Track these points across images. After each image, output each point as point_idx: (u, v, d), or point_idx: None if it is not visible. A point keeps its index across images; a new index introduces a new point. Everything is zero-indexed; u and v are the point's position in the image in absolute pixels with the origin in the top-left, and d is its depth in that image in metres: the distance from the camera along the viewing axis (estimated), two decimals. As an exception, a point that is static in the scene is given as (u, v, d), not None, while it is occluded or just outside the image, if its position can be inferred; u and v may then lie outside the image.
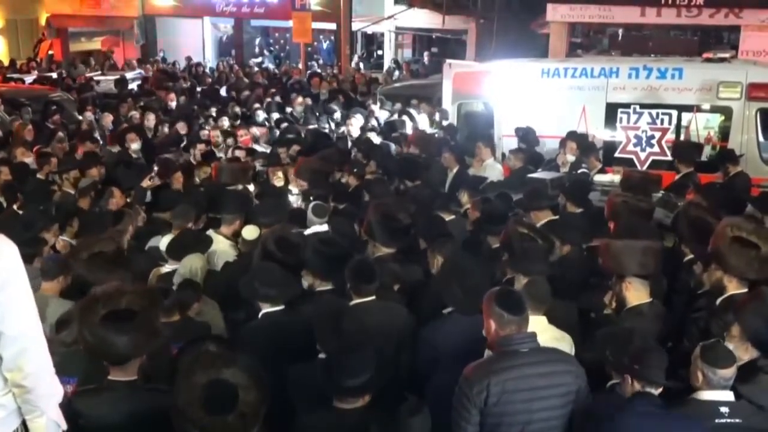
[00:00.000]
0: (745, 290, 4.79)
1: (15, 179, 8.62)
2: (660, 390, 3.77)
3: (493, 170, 9.47)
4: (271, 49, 32.59)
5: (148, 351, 3.79)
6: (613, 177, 9.18)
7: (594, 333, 4.53)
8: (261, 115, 14.32)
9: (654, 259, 4.90)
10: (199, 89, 19.75)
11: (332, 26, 26.85)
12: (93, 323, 3.60)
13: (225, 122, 12.87)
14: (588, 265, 5.90)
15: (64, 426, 3.36)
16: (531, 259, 5.07)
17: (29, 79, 20.29)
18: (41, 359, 3.24)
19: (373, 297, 4.92)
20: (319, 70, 23.37)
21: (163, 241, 6.26)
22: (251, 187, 8.60)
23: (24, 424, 3.27)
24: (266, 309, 4.90)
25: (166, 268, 6.01)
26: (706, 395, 3.86)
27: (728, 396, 3.87)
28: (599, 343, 4.18)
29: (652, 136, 10.35)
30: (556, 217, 6.84)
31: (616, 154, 10.37)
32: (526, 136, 10.34)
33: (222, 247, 6.50)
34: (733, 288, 4.83)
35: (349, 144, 11.50)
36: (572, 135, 10.07)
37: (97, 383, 3.79)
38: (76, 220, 7.03)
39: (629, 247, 4.91)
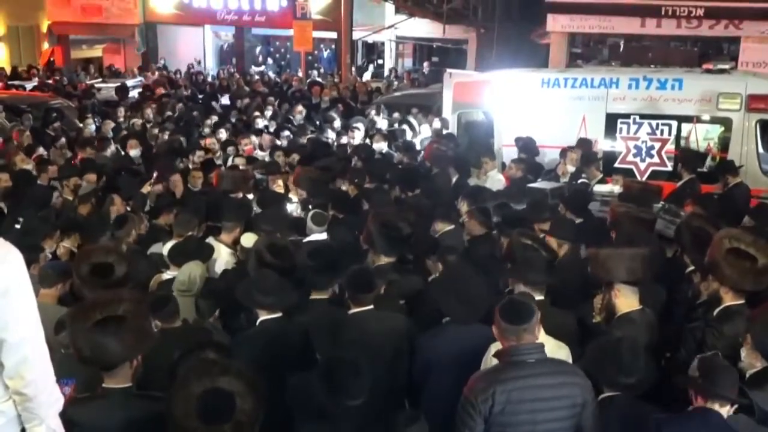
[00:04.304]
0: (742, 302, 4.80)
1: (18, 186, 8.63)
2: (728, 407, 3.75)
3: (494, 181, 9.46)
4: (276, 56, 32.64)
5: (138, 354, 3.79)
6: (612, 187, 9.18)
7: (587, 343, 4.55)
8: (260, 123, 14.35)
9: (642, 265, 4.91)
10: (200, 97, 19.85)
11: (333, 35, 26.91)
12: (83, 328, 3.61)
13: (222, 134, 12.82)
14: (586, 275, 5.90)
15: None
16: (531, 268, 5.06)
17: (30, 86, 20.33)
18: (43, 367, 3.23)
19: (371, 306, 4.91)
20: (319, 79, 23.41)
21: (165, 248, 6.27)
22: (250, 196, 8.59)
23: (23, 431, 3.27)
24: (263, 316, 4.89)
25: (167, 275, 6.01)
26: (704, 409, 3.85)
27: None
28: (588, 354, 4.20)
29: (652, 147, 10.36)
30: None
31: (616, 165, 10.37)
32: (527, 145, 10.35)
33: (222, 254, 6.51)
34: (730, 299, 4.83)
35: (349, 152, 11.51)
36: (582, 143, 10.09)
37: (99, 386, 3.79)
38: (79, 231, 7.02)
39: (616, 254, 4.93)
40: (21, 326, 3.12)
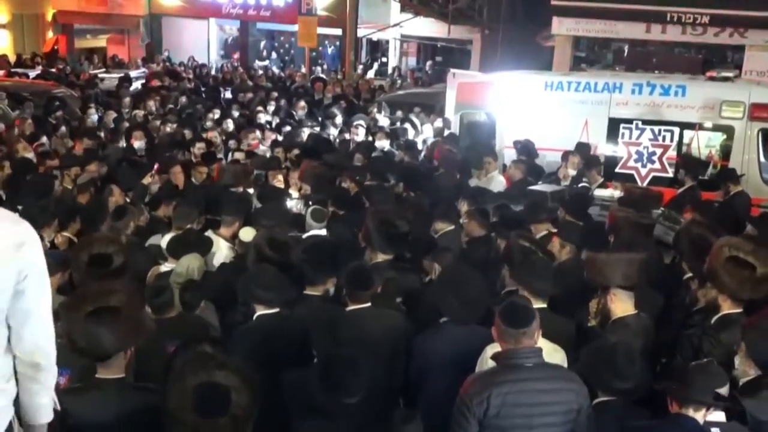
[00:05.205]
0: (740, 310, 4.80)
1: (17, 174, 8.63)
2: (704, 411, 3.74)
3: (495, 182, 9.46)
4: (280, 51, 32.64)
5: (133, 345, 3.81)
6: (613, 192, 9.18)
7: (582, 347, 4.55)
8: (263, 118, 14.34)
9: (638, 270, 4.92)
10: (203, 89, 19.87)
11: (338, 32, 26.90)
12: (77, 319, 3.63)
13: (230, 125, 12.92)
14: (585, 279, 5.90)
15: (58, 406, 3.37)
16: (537, 275, 4.99)
17: (33, 74, 20.32)
18: (53, 338, 3.27)
19: (369, 304, 4.91)
20: (322, 75, 23.41)
21: (165, 240, 6.27)
22: (251, 190, 8.59)
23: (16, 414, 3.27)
24: (261, 311, 4.89)
25: (165, 267, 6.01)
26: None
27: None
28: (583, 359, 4.20)
29: (654, 153, 10.36)
30: (555, 230, 6.84)
31: (617, 169, 10.36)
32: (525, 148, 10.35)
33: (221, 248, 6.50)
34: (728, 307, 4.83)
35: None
36: (580, 147, 10.10)
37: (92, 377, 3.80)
38: (77, 219, 7.02)
39: (613, 259, 4.95)
40: (45, 300, 3.20)
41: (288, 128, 13.17)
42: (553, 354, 4.35)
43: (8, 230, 3.06)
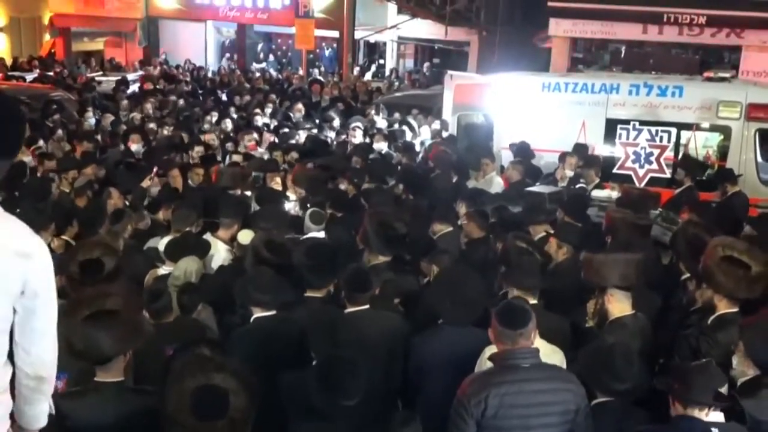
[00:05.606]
0: (736, 309, 4.81)
1: (13, 178, 8.61)
2: (707, 411, 3.74)
3: (493, 184, 9.47)
4: (277, 54, 32.63)
5: (131, 348, 3.81)
6: (610, 193, 9.19)
7: (580, 347, 4.56)
8: (260, 121, 14.34)
9: (635, 271, 4.93)
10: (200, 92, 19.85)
11: (335, 34, 26.90)
12: (76, 322, 3.63)
13: (228, 124, 12.94)
14: (581, 279, 5.90)
15: (53, 411, 3.37)
16: (524, 272, 5.06)
17: (30, 77, 20.29)
18: (56, 351, 3.26)
19: (367, 306, 4.91)
20: (320, 77, 23.41)
21: (162, 243, 6.27)
22: (248, 193, 8.58)
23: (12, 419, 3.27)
24: (258, 313, 4.89)
25: (163, 270, 6.01)
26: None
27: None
28: (581, 360, 4.21)
29: (651, 153, 10.37)
30: (552, 231, 6.85)
31: (615, 170, 10.38)
32: (521, 150, 10.35)
33: (219, 251, 6.50)
34: (724, 307, 4.84)
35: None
36: (577, 148, 10.10)
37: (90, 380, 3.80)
38: (75, 223, 7.01)
39: (610, 260, 4.95)
40: (53, 313, 3.17)
41: (285, 131, 13.18)
42: (552, 355, 4.35)
43: (18, 235, 3.04)
